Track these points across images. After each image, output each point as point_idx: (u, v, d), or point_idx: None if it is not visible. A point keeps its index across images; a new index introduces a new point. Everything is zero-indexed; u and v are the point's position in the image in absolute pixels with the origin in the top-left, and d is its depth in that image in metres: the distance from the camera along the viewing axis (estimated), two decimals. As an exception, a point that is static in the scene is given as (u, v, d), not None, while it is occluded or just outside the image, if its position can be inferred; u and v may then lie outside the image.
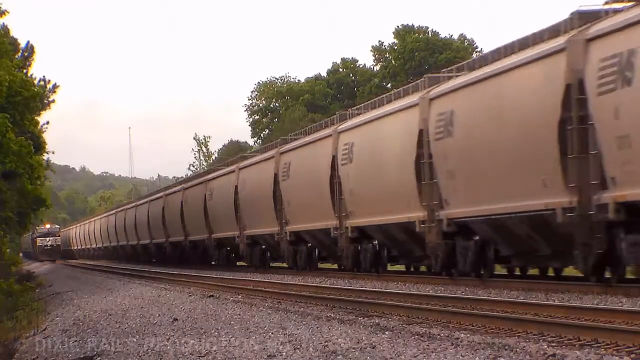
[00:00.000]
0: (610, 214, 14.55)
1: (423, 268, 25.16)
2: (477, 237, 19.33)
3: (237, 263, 39.14)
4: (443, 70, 21.91)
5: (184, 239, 44.59)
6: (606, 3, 15.74)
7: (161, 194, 52.36)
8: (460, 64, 21.26)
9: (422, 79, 21.85)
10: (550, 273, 19.80)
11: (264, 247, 33.78)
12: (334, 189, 25.75)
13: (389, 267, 25.69)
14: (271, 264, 34.28)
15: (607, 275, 15.82)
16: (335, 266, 29.61)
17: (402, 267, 26.82)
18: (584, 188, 15.20)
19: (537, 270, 20.26)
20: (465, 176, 19.10)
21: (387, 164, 22.57)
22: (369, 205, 23.82)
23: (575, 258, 15.83)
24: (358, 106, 27.81)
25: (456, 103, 19.38)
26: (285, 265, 31.86)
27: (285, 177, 29.79)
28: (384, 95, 25.10)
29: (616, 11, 15.13)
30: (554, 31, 16.55)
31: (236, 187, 35.43)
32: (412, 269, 26.11)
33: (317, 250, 29.07)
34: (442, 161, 19.83)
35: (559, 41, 15.91)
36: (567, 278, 18.64)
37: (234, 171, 36.62)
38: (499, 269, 20.78)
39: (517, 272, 20.87)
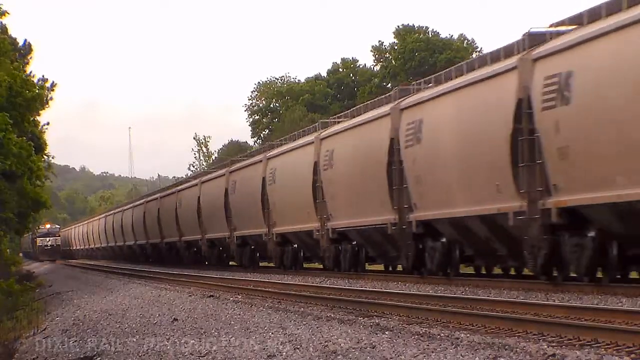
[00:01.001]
0: (413, 229, 21.44)
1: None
2: (355, 242, 26.22)
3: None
4: (331, 117, 28.89)
5: (160, 241, 51.53)
6: (417, 83, 22.61)
7: (142, 200, 58.83)
8: (346, 112, 28.16)
9: (317, 122, 28.78)
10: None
11: (220, 248, 40.86)
12: (264, 203, 32.67)
13: (305, 265, 32.44)
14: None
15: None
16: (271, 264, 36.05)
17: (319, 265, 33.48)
18: (402, 209, 22.07)
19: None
20: (342, 197, 25.96)
21: (295, 186, 29.40)
22: (286, 217, 30.72)
23: (400, 258, 22.79)
24: (282, 138, 34.76)
25: (335, 143, 26.33)
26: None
27: (232, 192, 36.81)
28: (298, 132, 32.09)
29: (417, 90, 22.00)
30: (385, 99, 23.53)
31: (175, 206, 42.09)
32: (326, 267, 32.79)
33: (257, 252, 36.03)
34: (328, 186, 26.71)
35: (385, 109, 22.84)
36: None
37: (174, 193, 43.51)
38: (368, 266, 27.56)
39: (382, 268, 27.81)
